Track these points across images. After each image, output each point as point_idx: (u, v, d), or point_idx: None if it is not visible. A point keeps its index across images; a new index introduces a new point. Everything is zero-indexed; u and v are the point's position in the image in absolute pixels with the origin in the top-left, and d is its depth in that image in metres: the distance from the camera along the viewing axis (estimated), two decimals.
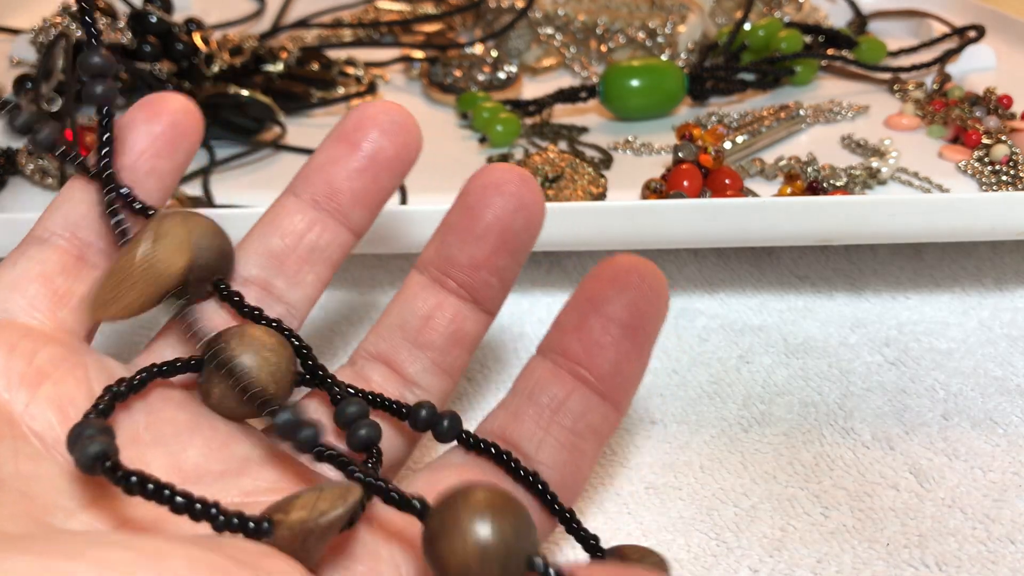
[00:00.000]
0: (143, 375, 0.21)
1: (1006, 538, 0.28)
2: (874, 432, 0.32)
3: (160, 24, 0.49)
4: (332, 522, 0.17)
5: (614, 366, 0.22)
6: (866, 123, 0.48)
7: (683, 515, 0.29)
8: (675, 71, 0.48)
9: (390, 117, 0.25)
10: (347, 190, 0.24)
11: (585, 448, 0.23)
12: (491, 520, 0.17)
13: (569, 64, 0.56)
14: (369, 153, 0.24)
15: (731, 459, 0.31)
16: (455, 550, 0.17)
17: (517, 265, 0.24)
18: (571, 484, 0.23)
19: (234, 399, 0.21)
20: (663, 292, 0.22)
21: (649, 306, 0.22)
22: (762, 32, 0.52)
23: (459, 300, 0.24)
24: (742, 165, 0.43)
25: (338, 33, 0.58)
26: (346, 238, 0.25)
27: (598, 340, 0.22)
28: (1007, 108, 0.47)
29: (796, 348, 0.36)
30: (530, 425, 0.22)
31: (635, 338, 0.22)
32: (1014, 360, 0.35)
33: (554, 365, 0.23)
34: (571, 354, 0.22)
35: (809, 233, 0.35)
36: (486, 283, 0.24)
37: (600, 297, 0.22)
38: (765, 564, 0.28)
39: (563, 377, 0.22)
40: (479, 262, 0.24)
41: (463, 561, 0.17)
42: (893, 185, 0.42)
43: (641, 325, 0.22)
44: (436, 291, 0.24)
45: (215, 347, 0.21)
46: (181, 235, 0.22)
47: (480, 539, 0.17)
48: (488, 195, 0.24)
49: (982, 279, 0.40)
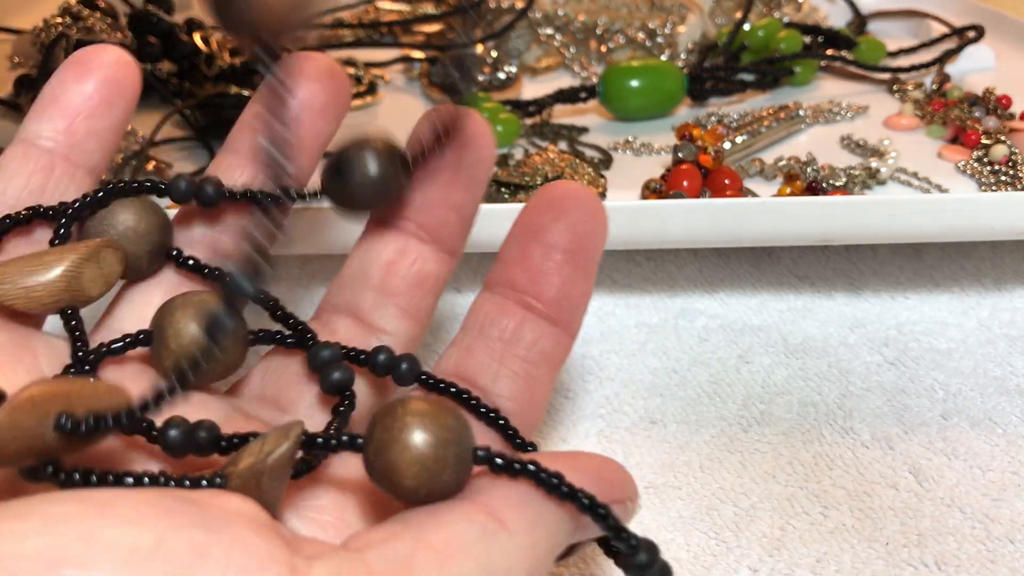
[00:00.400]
0: (92, 356, 0.21)
1: (1005, 537, 0.28)
2: (873, 432, 0.32)
3: (160, 24, 0.49)
4: (280, 459, 0.17)
5: (560, 291, 0.22)
6: (865, 123, 0.48)
7: (683, 514, 0.29)
8: (675, 71, 0.48)
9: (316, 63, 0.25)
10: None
11: (540, 375, 0.23)
12: (424, 427, 0.17)
13: (569, 64, 0.56)
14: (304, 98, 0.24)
15: (731, 459, 0.31)
16: (399, 464, 0.17)
17: (474, 201, 0.24)
18: (529, 413, 0.23)
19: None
20: (600, 213, 0.23)
21: (588, 227, 0.22)
22: (761, 32, 0.52)
23: (420, 242, 0.24)
24: (742, 165, 0.43)
25: (338, 33, 0.58)
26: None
27: (541, 267, 0.22)
28: (1006, 108, 0.47)
29: (796, 348, 0.36)
30: (484, 359, 0.23)
31: (577, 261, 0.22)
32: (1013, 360, 0.36)
33: (501, 298, 0.23)
34: (517, 284, 0.22)
35: (809, 233, 0.35)
36: (444, 220, 0.24)
37: (538, 225, 0.22)
38: (765, 564, 0.28)
39: (511, 308, 0.23)
40: (435, 200, 0.24)
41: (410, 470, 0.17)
42: (892, 185, 0.42)
43: (582, 248, 0.22)
44: (395, 236, 0.24)
45: (160, 319, 0.22)
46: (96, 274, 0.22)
47: (419, 445, 0.17)
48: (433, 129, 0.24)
49: (981, 279, 0.40)
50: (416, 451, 0.17)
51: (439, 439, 0.17)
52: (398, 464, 0.17)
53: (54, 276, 0.21)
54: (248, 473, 0.17)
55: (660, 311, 0.39)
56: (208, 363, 0.17)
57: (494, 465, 0.18)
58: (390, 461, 0.17)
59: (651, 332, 0.37)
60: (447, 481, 0.17)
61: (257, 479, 0.17)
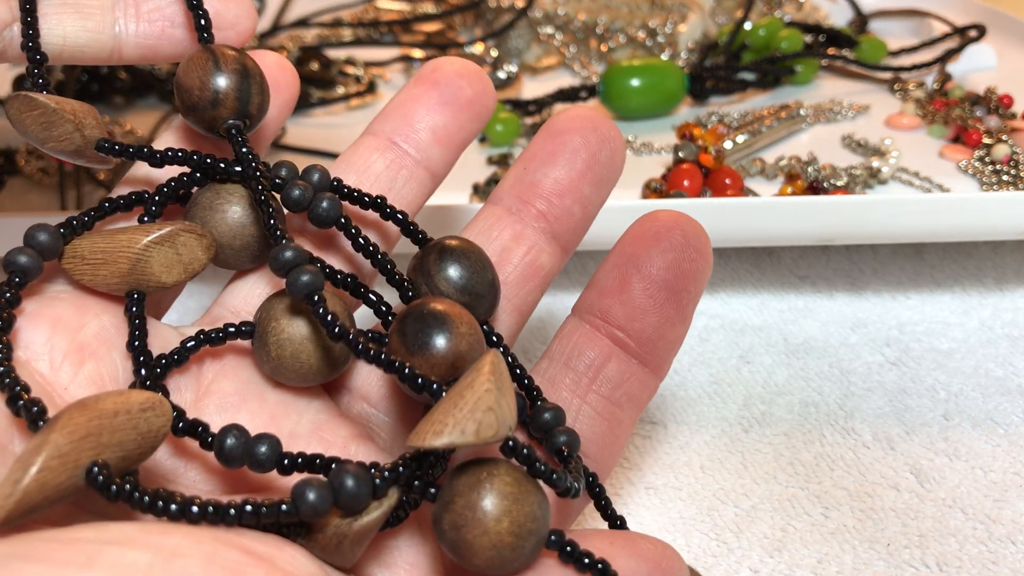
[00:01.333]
0: (191, 344, 0.20)
1: (1007, 538, 0.28)
2: (875, 432, 0.32)
3: None
4: (366, 526, 0.17)
5: (656, 330, 0.21)
6: (867, 123, 0.48)
7: (683, 515, 0.29)
8: (675, 70, 0.48)
9: (464, 64, 0.24)
10: (426, 127, 0.24)
11: (622, 418, 0.22)
12: (509, 515, 0.16)
13: (569, 63, 0.56)
14: (450, 92, 0.24)
15: (731, 459, 0.31)
16: (475, 546, 0.16)
17: (601, 200, 0.24)
18: (606, 457, 0.22)
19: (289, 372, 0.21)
20: (706, 250, 0.21)
21: (692, 265, 0.21)
22: (762, 31, 0.52)
23: (537, 231, 0.23)
24: (742, 165, 0.43)
25: (338, 33, 0.58)
26: (424, 177, 0.24)
27: (640, 303, 0.21)
28: (1008, 108, 0.47)
29: (796, 348, 0.36)
30: (566, 393, 0.22)
31: (678, 300, 0.21)
32: (1015, 360, 0.35)
33: (592, 328, 0.22)
34: (611, 317, 0.21)
35: (810, 233, 0.35)
36: (568, 211, 0.23)
37: (642, 256, 0.21)
38: (765, 564, 0.28)
39: (601, 341, 0.22)
40: (564, 187, 0.23)
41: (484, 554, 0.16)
42: (894, 185, 0.42)
43: (684, 286, 0.21)
44: (513, 221, 0.23)
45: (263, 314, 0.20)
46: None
47: (501, 533, 0.16)
48: (575, 127, 0.23)
49: (983, 279, 0.40)
50: (495, 538, 0.16)
51: (522, 529, 0.16)
52: (474, 546, 0.16)
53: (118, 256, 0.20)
54: (332, 530, 0.17)
55: None
56: None
57: (564, 554, 0.17)
58: (466, 540, 0.16)
59: None
60: (518, 567, 0.17)
61: (339, 540, 0.17)
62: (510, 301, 0.23)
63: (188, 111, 0.21)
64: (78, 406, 0.16)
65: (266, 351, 0.20)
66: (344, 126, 0.48)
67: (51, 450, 0.15)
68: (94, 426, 0.15)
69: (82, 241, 0.20)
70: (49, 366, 0.19)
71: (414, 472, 0.17)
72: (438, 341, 0.18)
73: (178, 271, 0.20)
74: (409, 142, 0.24)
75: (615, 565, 0.17)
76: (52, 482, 0.15)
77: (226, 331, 0.20)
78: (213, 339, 0.20)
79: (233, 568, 0.15)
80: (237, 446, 0.17)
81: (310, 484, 0.16)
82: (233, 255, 0.22)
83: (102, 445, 0.15)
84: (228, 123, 0.21)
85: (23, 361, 0.19)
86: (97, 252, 0.20)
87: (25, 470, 0.15)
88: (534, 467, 0.17)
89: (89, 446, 0.15)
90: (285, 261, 0.19)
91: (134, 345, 0.19)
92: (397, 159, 0.23)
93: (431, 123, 0.24)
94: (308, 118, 0.49)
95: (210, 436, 0.18)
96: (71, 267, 0.20)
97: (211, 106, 0.21)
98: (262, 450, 0.17)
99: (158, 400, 0.17)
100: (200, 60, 0.21)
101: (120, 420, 0.16)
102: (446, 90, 0.24)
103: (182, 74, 0.21)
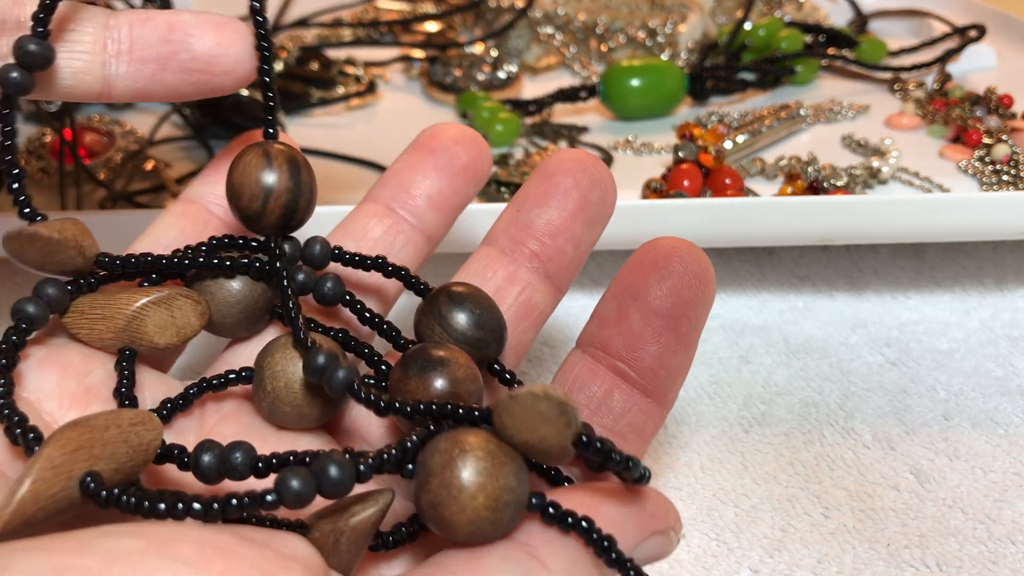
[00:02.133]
0: (194, 390, 0.21)
1: (1007, 538, 0.28)
2: (875, 432, 0.32)
3: None
4: (363, 522, 0.17)
5: (657, 360, 0.21)
6: (867, 123, 0.48)
7: (683, 515, 0.29)
8: (675, 71, 0.48)
9: (460, 131, 0.25)
10: (423, 194, 0.24)
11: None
12: (485, 491, 0.17)
13: (569, 63, 0.56)
14: (446, 159, 0.24)
15: (731, 459, 0.31)
16: (454, 522, 0.17)
17: (592, 241, 0.24)
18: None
19: (286, 407, 0.21)
20: (708, 277, 0.21)
21: (693, 293, 0.21)
22: (762, 31, 0.52)
23: (531, 271, 0.23)
24: (743, 165, 0.43)
25: (338, 32, 0.58)
26: (420, 241, 0.25)
27: (639, 333, 0.21)
28: (1008, 108, 0.47)
29: (797, 348, 0.36)
30: None
31: (679, 329, 0.21)
32: (1015, 360, 0.35)
33: (593, 361, 0.22)
34: (611, 348, 0.21)
35: (810, 233, 0.35)
36: (561, 251, 0.23)
37: (640, 286, 0.21)
38: (766, 564, 0.28)
39: (602, 373, 0.21)
40: (557, 227, 0.23)
41: (464, 528, 0.17)
42: (894, 185, 0.42)
43: (685, 314, 0.21)
44: (507, 261, 0.23)
45: (263, 361, 0.21)
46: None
47: (478, 508, 0.16)
48: (566, 168, 0.23)
49: (983, 279, 0.40)
50: (472, 514, 0.16)
51: (498, 502, 0.16)
52: (453, 523, 0.17)
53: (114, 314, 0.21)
54: (328, 528, 0.17)
55: None
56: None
57: (547, 516, 0.17)
58: (445, 518, 0.17)
59: None
60: (500, 535, 0.17)
61: (336, 538, 0.17)
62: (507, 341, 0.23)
63: (236, 212, 0.22)
64: (70, 424, 0.16)
65: (262, 386, 0.21)
66: (344, 126, 0.48)
67: (44, 462, 0.15)
68: (85, 439, 0.16)
69: (84, 298, 0.21)
70: (57, 406, 0.20)
71: (400, 460, 0.17)
72: (436, 382, 0.19)
73: (171, 333, 0.21)
74: (406, 208, 0.24)
75: (600, 516, 0.17)
76: (46, 492, 0.15)
77: (227, 377, 0.21)
78: (215, 385, 0.21)
79: (226, 549, 0.15)
80: (213, 460, 0.17)
81: (293, 472, 0.16)
82: (231, 324, 0.22)
83: (94, 457, 0.16)
84: (269, 232, 0.22)
85: (31, 402, 0.19)
86: (96, 308, 0.21)
87: (21, 483, 0.15)
88: (610, 457, 0.17)
89: (82, 458, 0.16)
90: (319, 368, 0.19)
91: (120, 391, 0.20)
92: (395, 225, 0.24)
93: (427, 190, 0.24)
94: (308, 118, 0.49)
95: (187, 456, 0.18)
96: (70, 322, 0.21)
97: (259, 216, 0.22)
98: (237, 457, 0.17)
99: (147, 416, 0.17)
100: (254, 163, 0.22)
101: (111, 434, 0.16)
102: (442, 157, 0.24)
103: (235, 177, 0.22)
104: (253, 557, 0.15)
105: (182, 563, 0.14)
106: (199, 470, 0.17)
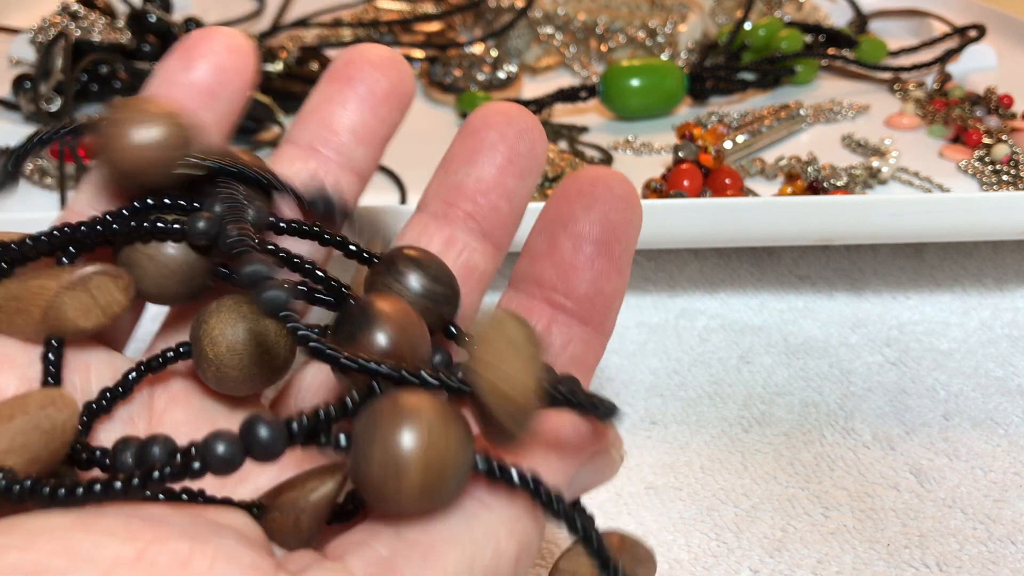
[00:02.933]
0: (132, 376, 0.20)
1: (1007, 538, 0.28)
2: (875, 432, 0.32)
3: (159, 24, 0.49)
4: (322, 498, 0.16)
5: (592, 286, 0.21)
6: (866, 123, 0.48)
7: (683, 515, 0.29)
8: (675, 70, 0.48)
9: (377, 52, 0.24)
10: (346, 129, 0.23)
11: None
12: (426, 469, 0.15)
13: (569, 63, 0.56)
14: (365, 87, 0.23)
15: (731, 459, 0.31)
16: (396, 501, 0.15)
17: (527, 192, 0.23)
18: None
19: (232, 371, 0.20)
20: (634, 200, 0.21)
21: (621, 217, 0.21)
22: (762, 31, 0.52)
23: (467, 232, 0.23)
24: (742, 165, 0.43)
25: (338, 33, 0.58)
26: (352, 180, 0.23)
27: (572, 262, 0.21)
28: (1008, 108, 0.47)
29: (797, 348, 0.36)
30: None
31: (611, 253, 0.21)
32: (1015, 360, 0.35)
33: (527, 296, 0.21)
34: (545, 281, 0.21)
35: (810, 233, 0.35)
36: (495, 208, 0.23)
37: (567, 215, 0.21)
38: (766, 564, 0.28)
39: (539, 308, 0.21)
40: (488, 184, 0.23)
41: (409, 506, 0.15)
42: (894, 185, 0.42)
43: (616, 238, 0.21)
44: (442, 225, 0.23)
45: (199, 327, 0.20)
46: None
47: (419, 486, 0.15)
48: (490, 122, 0.23)
49: (983, 279, 0.40)
50: (416, 489, 0.15)
51: (442, 473, 0.15)
52: (395, 499, 0.15)
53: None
54: (287, 507, 0.16)
55: (660, 311, 0.38)
56: None
57: (492, 476, 0.16)
58: (385, 495, 0.15)
59: (651, 332, 0.37)
60: (447, 502, 0.16)
61: (296, 516, 0.16)
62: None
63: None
64: None
65: (203, 356, 0.20)
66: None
67: None
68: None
69: (0, 289, 0.19)
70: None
71: (338, 418, 0.16)
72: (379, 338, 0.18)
73: (96, 314, 0.19)
74: (330, 147, 0.23)
75: (548, 469, 0.17)
76: None
77: (165, 356, 0.20)
78: (154, 367, 0.20)
79: (155, 519, 0.15)
80: (132, 460, 0.17)
81: (219, 436, 0.15)
82: (169, 293, 0.21)
83: (2, 452, 0.15)
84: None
85: None
86: (11, 301, 0.19)
87: None
88: (578, 403, 0.17)
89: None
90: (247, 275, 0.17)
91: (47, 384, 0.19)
92: (321, 167, 0.23)
93: (350, 124, 0.23)
94: None
95: (107, 458, 0.17)
96: None
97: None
98: (155, 452, 0.17)
99: (58, 395, 0.16)
100: None
101: (18, 423, 0.15)
102: (361, 86, 0.23)
103: None
104: (184, 525, 0.15)
105: (108, 534, 0.14)
106: (123, 471, 0.17)
